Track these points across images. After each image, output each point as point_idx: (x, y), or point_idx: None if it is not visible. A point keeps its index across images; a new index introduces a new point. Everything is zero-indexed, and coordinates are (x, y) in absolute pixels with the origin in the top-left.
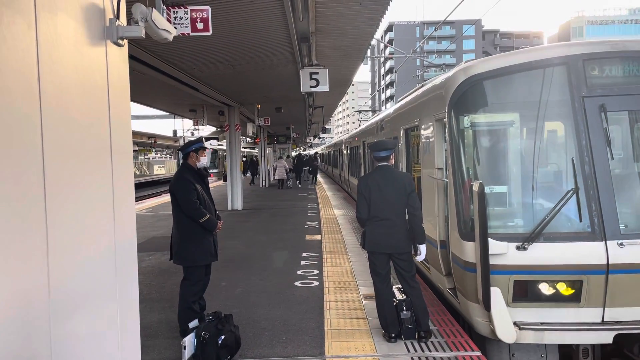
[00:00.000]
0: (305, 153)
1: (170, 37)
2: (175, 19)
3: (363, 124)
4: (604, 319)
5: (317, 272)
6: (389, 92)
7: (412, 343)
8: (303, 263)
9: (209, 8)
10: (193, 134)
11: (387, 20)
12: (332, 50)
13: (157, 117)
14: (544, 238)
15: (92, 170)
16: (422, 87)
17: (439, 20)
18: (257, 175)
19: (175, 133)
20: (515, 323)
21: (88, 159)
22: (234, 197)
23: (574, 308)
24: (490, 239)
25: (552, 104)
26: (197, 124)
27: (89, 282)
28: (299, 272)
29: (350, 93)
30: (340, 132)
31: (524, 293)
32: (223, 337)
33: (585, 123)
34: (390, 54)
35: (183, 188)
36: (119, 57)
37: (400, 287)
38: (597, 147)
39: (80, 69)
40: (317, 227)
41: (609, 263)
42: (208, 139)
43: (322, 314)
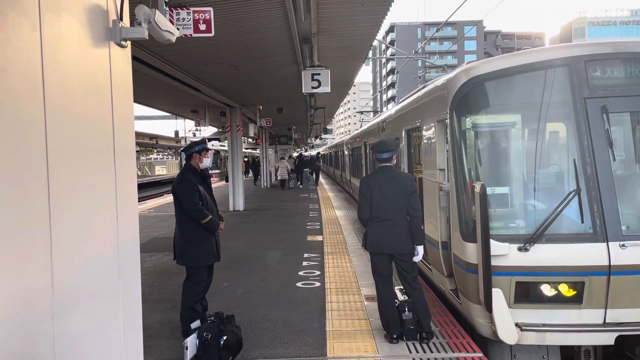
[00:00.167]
0: (307, 154)
1: (173, 38)
2: (178, 20)
3: (364, 125)
4: (606, 320)
5: (318, 272)
6: (391, 93)
7: (413, 344)
8: (305, 264)
9: (212, 9)
10: (195, 135)
11: (388, 21)
12: (333, 51)
13: (158, 117)
14: (546, 239)
15: (95, 171)
16: (423, 88)
17: (441, 21)
18: (258, 176)
19: (177, 134)
20: (517, 324)
21: (91, 159)
22: (236, 197)
23: (576, 309)
24: (492, 240)
25: (553, 105)
26: (198, 125)
27: (92, 282)
28: (301, 272)
29: (352, 94)
30: (342, 132)
31: (526, 294)
32: (225, 337)
33: (587, 124)
34: (392, 55)
35: (185, 189)
36: (122, 58)
37: (402, 288)
38: (599, 148)
39: (84, 70)
40: (318, 227)
41: (611, 264)
42: (210, 140)
43: (323, 315)
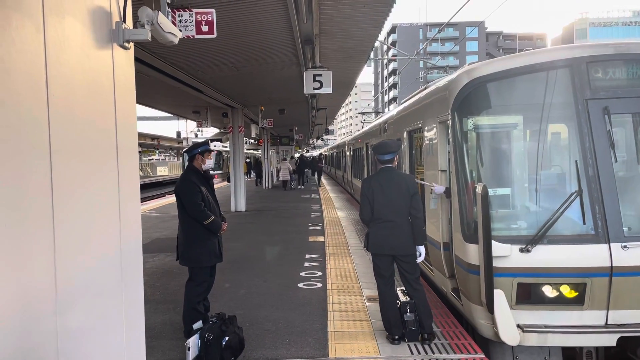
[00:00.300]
0: (308, 155)
1: (176, 40)
2: (180, 22)
3: (366, 126)
4: (608, 322)
5: (320, 273)
6: (392, 93)
7: (415, 345)
8: (306, 265)
9: (214, 11)
10: (197, 136)
11: (390, 22)
12: (335, 52)
13: (160, 118)
14: (548, 240)
15: (98, 171)
16: (425, 89)
17: (443, 22)
18: (259, 178)
19: (179, 134)
20: (519, 325)
21: (95, 160)
22: (238, 198)
23: (578, 310)
24: (494, 241)
25: (555, 107)
26: (200, 126)
27: (95, 282)
28: (303, 273)
29: (354, 95)
30: (344, 133)
31: (528, 295)
32: (227, 338)
33: (589, 125)
34: (394, 56)
35: (188, 190)
36: (125, 59)
37: (404, 289)
38: (600, 149)
39: (87, 72)
40: (320, 228)
41: (613, 265)
42: (212, 141)
43: (325, 316)
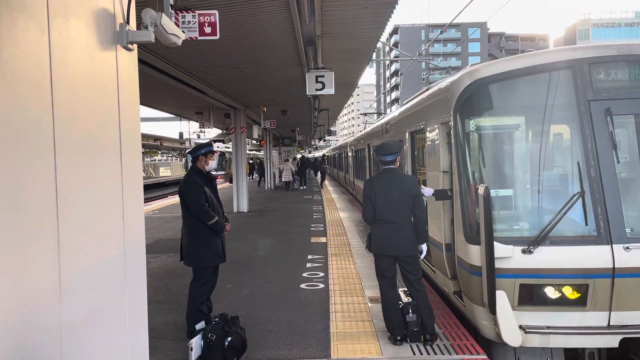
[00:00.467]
0: (310, 156)
1: (179, 41)
2: (184, 23)
3: (368, 127)
4: (610, 323)
5: (322, 274)
6: (394, 94)
7: (417, 346)
8: (308, 265)
9: (217, 12)
10: (199, 137)
11: (392, 23)
12: (337, 54)
13: (163, 119)
14: (550, 241)
15: (102, 172)
16: (427, 90)
17: (445, 23)
18: (262, 178)
19: (182, 135)
20: (521, 326)
21: (98, 161)
22: (240, 199)
23: (580, 312)
24: (496, 242)
25: (557, 108)
26: (203, 127)
27: (99, 282)
28: (305, 274)
29: (356, 96)
30: (346, 134)
31: (530, 296)
32: (229, 339)
33: (591, 127)
34: (396, 57)
35: (192, 191)
36: (129, 61)
37: (406, 290)
38: (603, 150)
39: (91, 73)
40: (322, 229)
41: (615, 267)
42: (216, 142)
43: (327, 317)
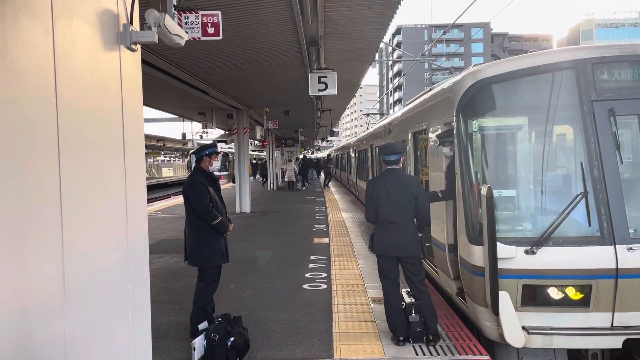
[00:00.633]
0: (312, 156)
1: (182, 42)
2: (187, 24)
3: (371, 127)
4: (614, 324)
5: (325, 275)
6: (397, 95)
7: (420, 346)
8: (311, 266)
9: (220, 13)
10: (202, 137)
11: (395, 24)
12: (340, 54)
13: (166, 120)
14: (553, 242)
15: (106, 172)
16: (430, 90)
17: (448, 23)
18: (264, 179)
19: (184, 136)
20: (524, 327)
21: (102, 161)
22: (243, 199)
23: (583, 312)
24: (499, 243)
25: (560, 108)
26: (205, 127)
27: (103, 281)
28: (307, 275)
29: (358, 96)
30: (348, 135)
31: (533, 297)
32: (232, 339)
33: (594, 127)
34: (398, 57)
35: (197, 191)
36: (132, 61)
37: (409, 290)
38: (606, 151)
39: (95, 73)
40: (325, 230)
41: (618, 267)
42: (218, 142)
43: (330, 317)
